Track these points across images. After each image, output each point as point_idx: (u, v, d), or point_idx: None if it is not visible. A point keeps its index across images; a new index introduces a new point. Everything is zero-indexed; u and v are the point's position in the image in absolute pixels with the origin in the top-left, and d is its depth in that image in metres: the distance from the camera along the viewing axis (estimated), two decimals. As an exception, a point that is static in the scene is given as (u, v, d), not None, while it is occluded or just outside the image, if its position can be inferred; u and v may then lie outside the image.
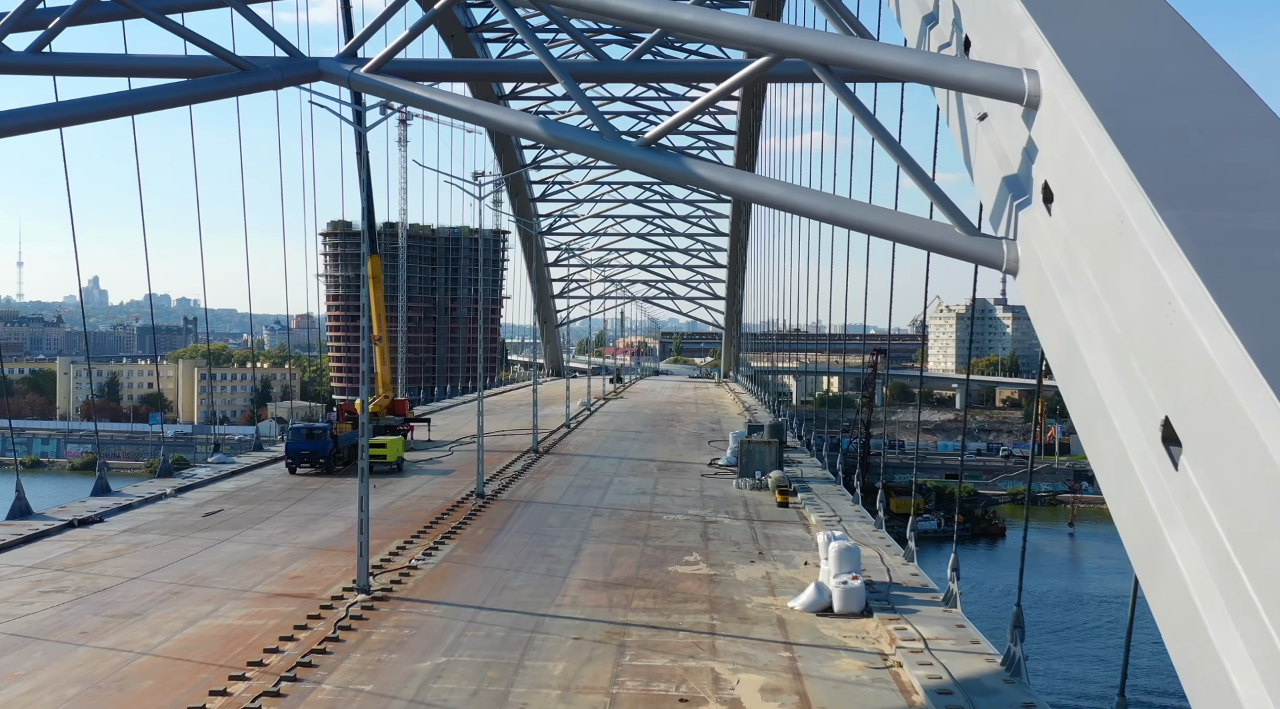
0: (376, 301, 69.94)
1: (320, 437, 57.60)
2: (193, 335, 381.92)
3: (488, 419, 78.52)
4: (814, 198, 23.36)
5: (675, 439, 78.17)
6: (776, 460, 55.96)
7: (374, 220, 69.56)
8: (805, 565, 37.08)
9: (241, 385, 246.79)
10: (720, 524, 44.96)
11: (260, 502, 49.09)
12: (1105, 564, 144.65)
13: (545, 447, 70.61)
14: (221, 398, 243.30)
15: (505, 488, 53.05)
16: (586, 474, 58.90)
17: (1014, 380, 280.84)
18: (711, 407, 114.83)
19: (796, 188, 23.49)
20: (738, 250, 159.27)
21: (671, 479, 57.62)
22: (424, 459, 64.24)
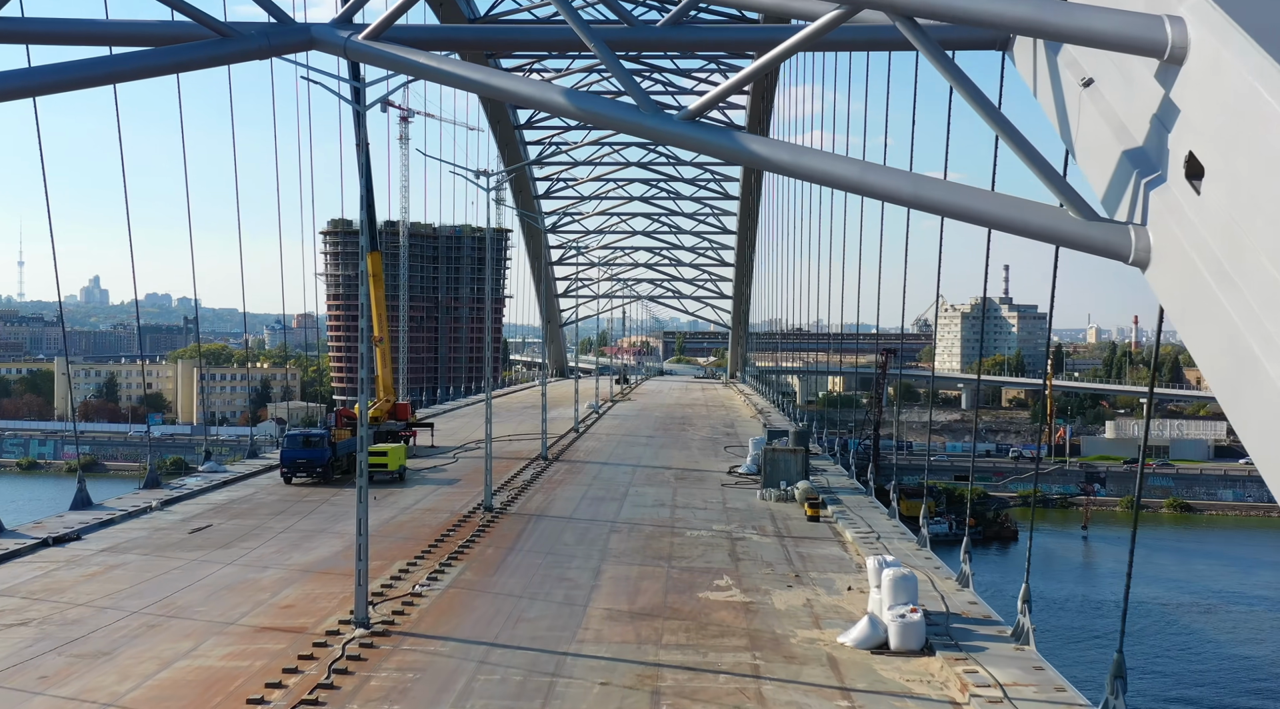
0: (377, 301, 66.43)
1: (317, 444, 54.07)
2: (193, 334, 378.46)
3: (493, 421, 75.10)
4: (893, 178, 19.65)
5: (689, 444, 74.65)
6: (803, 470, 52.43)
7: (374, 214, 66.00)
8: (849, 591, 33.54)
9: (241, 386, 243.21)
10: (749, 541, 41.41)
11: (252, 516, 45.55)
12: (1121, 568, 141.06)
13: (555, 453, 67.08)
14: (221, 398, 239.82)
15: (515, 500, 49.51)
16: (600, 484, 55.37)
17: (1023, 380, 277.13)
18: (722, 409, 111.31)
19: (874, 167, 19.79)
20: (745, 248, 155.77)
21: (690, 489, 54.09)
22: (427, 467, 60.72)
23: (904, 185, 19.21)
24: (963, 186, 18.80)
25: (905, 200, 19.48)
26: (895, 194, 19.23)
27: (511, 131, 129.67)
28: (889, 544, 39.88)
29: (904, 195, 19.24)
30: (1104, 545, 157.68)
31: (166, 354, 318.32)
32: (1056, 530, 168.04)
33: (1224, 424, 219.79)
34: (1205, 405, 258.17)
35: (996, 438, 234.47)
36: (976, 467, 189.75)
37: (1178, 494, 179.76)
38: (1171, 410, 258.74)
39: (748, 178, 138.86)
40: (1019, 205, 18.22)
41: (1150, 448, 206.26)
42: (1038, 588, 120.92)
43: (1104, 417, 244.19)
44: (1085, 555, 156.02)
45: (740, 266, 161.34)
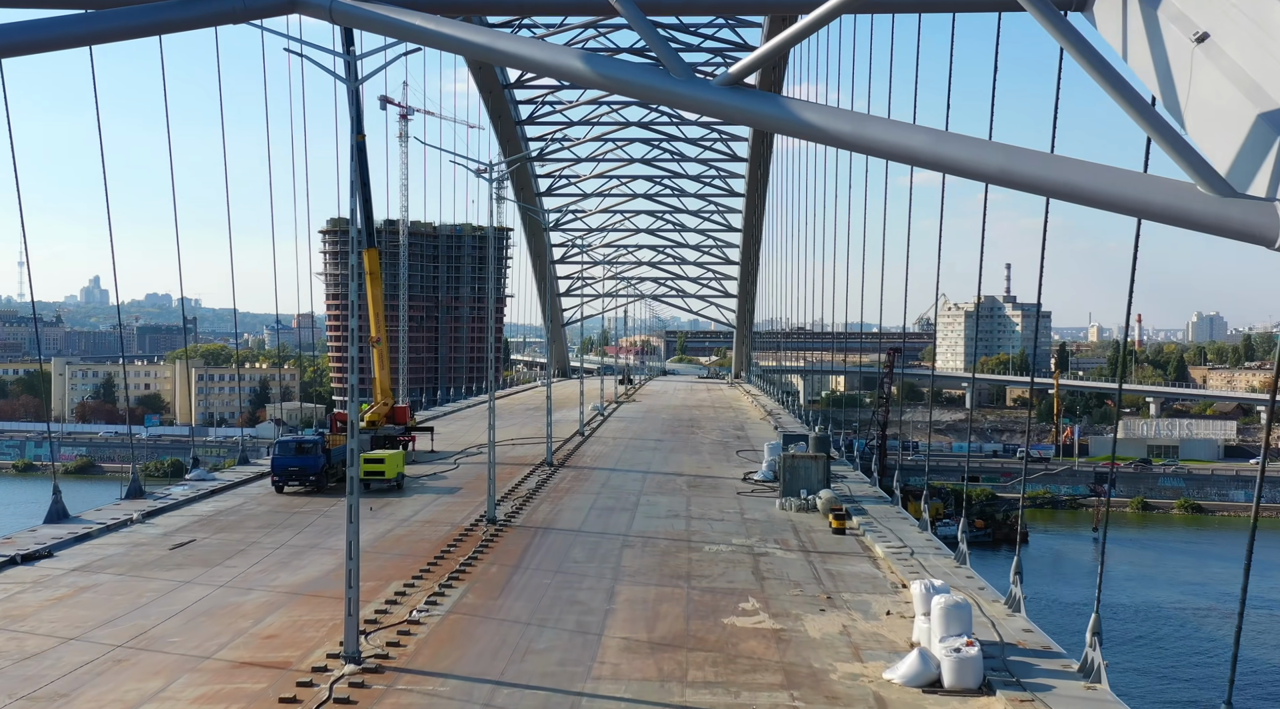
0: (374, 299, 63.37)
1: (310, 451, 50.96)
2: (193, 335, 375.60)
3: (500, 422, 71.88)
4: (977, 150, 16.59)
5: (700, 449, 71.54)
6: (824, 478, 49.34)
7: (370, 206, 62.88)
8: (888, 616, 30.48)
9: (240, 386, 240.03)
10: (772, 557, 38.32)
11: (239, 529, 42.45)
12: (1134, 571, 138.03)
13: (560, 458, 63.98)
14: (219, 399, 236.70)
15: (520, 510, 46.41)
16: (609, 492, 52.27)
17: (1027, 379, 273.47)
18: (730, 410, 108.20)
19: (952, 137, 16.71)
20: (751, 246, 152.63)
21: (705, 498, 50.99)
22: (427, 474, 57.62)
23: (989, 158, 16.12)
24: (1066, 160, 15.73)
25: (991, 175, 16.38)
26: (978, 167, 16.13)
27: (513, 127, 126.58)
28: (925, 561, 36.84)
29: (989, 169, 16.16)
30: (1115, 547, 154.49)
31: (165, 354, 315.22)
32: (1066, 532, 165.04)
33: (1233, 424, 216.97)
34: (1212, 404, 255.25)
35: (1002, 438, 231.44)
36: (984, 467, 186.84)
37: (1189, 495, 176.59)
38: (1178, 409, 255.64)
39: (754, 173, 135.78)
40: (1137, 181, 15.12)
41: (1159, 447, 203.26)
42: (1048, 590, 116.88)
43: (1110, 416, 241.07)
44: (1097, 557, 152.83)
45: (745, 264, 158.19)
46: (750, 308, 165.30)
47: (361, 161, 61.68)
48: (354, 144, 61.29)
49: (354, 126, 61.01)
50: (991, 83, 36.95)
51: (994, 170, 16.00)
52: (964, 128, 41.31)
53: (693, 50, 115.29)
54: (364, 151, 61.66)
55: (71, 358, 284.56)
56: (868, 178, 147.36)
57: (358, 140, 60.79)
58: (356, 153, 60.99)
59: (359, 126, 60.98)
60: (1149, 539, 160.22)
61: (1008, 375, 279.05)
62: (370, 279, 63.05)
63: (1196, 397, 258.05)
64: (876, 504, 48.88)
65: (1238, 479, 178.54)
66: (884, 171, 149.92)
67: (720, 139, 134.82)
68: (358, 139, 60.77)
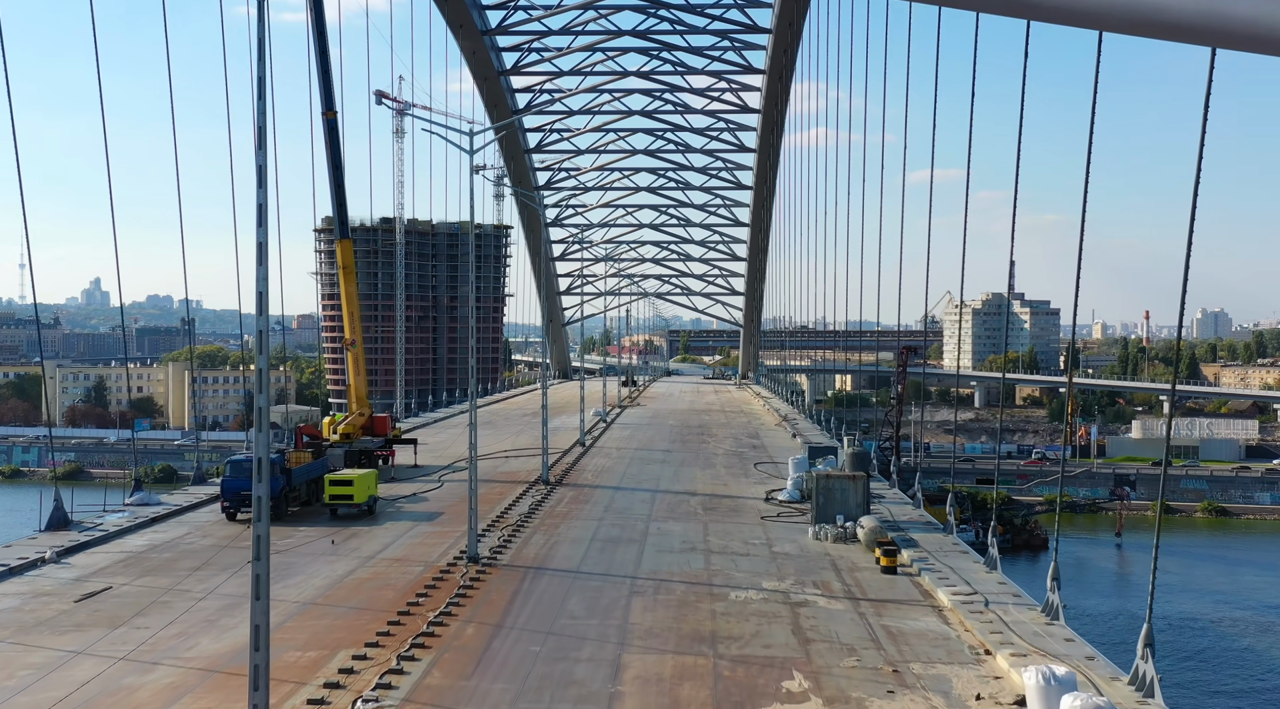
0: (348, 297, 55.97)
1: (272, 471, 43.45)
2: (187, 336, 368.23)
3: (487, 433, 64.32)
4: None
5: (713, 461, 64.08)
6: (864, 501, 41.91)
7: (344, 193, 55.43)
8: (978, 702, 23.08)
9: (234, 389, 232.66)
10: (814, 607, 30.91)
11: (169, 571, 35.05)
12: (1164, 580, 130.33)
13: (558, 473, 56.51)
14: (214, 402, 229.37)
15: (508, 543, 38.97)
16: (614, 518, 44.82)
17: (1042, 378, 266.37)
18: (742, 414, 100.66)
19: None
20: (759, 241, 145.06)
21: (724, 524, 43.56)
22: (405, 496, 50.18)
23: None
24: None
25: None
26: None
27: (509, 117, 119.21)
28: (1005, 614, 29.44)
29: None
30: (1140, 554, 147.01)
31: (161, 357, 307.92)
32: (1087, 537, 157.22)
33: (1254, 423, 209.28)
34: (1226, 403, 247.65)
35: (1015, 438, 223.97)
36: (999, 469, 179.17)
37: (1212, 497, 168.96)
38: (1192, 408, 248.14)
39: (763, 164, 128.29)
40: None
41: (1178, 448, 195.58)
42: (1073, 600, 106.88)
43: (1124, 415, 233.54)
44: (1121, 565, 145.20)
45: (753, 261, 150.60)
46: (758, 305, 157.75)
47: (334, 142, 54.42)
48: (326, 123, 54.10)
49: (324, 100, 53.81)
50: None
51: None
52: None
53: (698, 33, 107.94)
54: (337, 131, 54.38)
55: (64, 361, 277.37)
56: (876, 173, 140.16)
57: (328, 118, 53.56)
58: (328, 133, 53.84)
59: (329, 101, 53.76)
60: (1174, 545, 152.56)
61: (1020, 374, 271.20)
62: (344, 274, 55.68)
63: (1222, 395, 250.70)
64: (926, 531, 41.44)
65: (1263, 481, 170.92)
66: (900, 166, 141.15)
67: (728, 128, 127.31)
68: (327, 117, 53.54)
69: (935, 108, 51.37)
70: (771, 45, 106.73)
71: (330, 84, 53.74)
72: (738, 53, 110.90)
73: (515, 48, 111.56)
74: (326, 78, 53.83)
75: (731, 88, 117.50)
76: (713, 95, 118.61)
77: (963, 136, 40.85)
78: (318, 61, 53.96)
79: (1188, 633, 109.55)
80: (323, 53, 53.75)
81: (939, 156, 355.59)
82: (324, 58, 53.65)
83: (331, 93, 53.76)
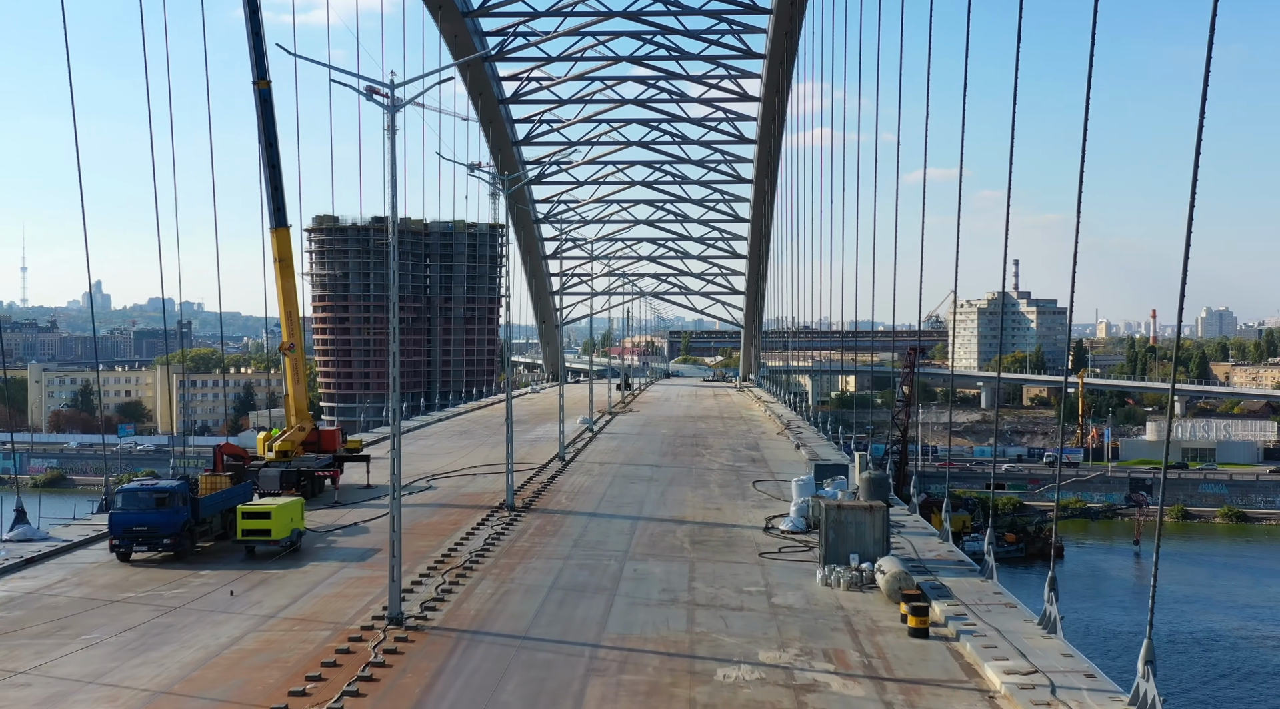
0: (284, 294, 48.35)
1: (168, 502, 35.92)
2: (188, 340, 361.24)
3: (460, 445, 56.87)
4: None
5: (707, 478, 56.40)
6: (882, 537, 34.30)
7: (279, 174, 47.79)
8: None
9: (225, 393, 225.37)
10: (826, 695, 23.25)
11: (9, 635, 27.48)
12: (1186, 592, 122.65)
13: (528, 496, 48.86)
14: (203, 406, 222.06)
15: (448, 594, 31.35)
16: (583, 555, 37.18)
17: (1050, 379, 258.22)
18: (741, 422, 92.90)
19: None
20: (760, 239, 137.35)
21: (715, 564, 35.92)
22: (344, 525, 42.48)
23: None
24: None
25: None
26: None
27: (495, 105, 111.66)
28: (1079, 703, 21.81)
29: None
30: (1160, 563, 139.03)
31: (155, 359, 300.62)
32: (1103, 545, 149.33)
33: (1272, 424, 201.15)
34: (1240, 403, 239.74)
35: (1023, 440, 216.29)
36: (1008, 474, 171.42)
37: (1232, 502, 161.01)
38: (1203, 408, 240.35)
39: (763, 156, 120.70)
40: None
41: (1195, 451, 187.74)
42: (1090, 613, 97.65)
43: (1135, 416, 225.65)
44: (1139, 574, 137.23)
45: (754, 259, 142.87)
46: (759, 305, 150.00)
47: (267, 115, 46.87)
48: (258, 93, 46.74)
49: (256, 68, 46.30)
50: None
51: None
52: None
53: (692, 13, 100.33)
54: (270, 103, 46.86)
55: (49, 364, 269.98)
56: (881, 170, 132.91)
57: (260, 88, 45.99)
58: (260, 105, 46.29)
59: (262, 69, 46.19)
60: (1194, 553, 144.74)
61: (1029, 374, 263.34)
62: (280, 268, 48.07)
63: (1233, 395, 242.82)
64: (959, 574, 33.80)
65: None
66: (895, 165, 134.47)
67: (726, 118, 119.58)
68: (259, 87, 45.97)
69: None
70: (772, 28, 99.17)
71: (263, 50, 46.27)
72: (736, 36, 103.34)
73: (499, 31, 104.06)
74: (258, 43, 46.36)
75: (730, 74, 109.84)
76: (710, 82, 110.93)
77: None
78: (248, 25, 46.51)
79: (1214, 650, 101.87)
80: (253, 13, 46.33)
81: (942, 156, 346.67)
82: (254, 19, 46.22)
83: (264, 60, 46.28)
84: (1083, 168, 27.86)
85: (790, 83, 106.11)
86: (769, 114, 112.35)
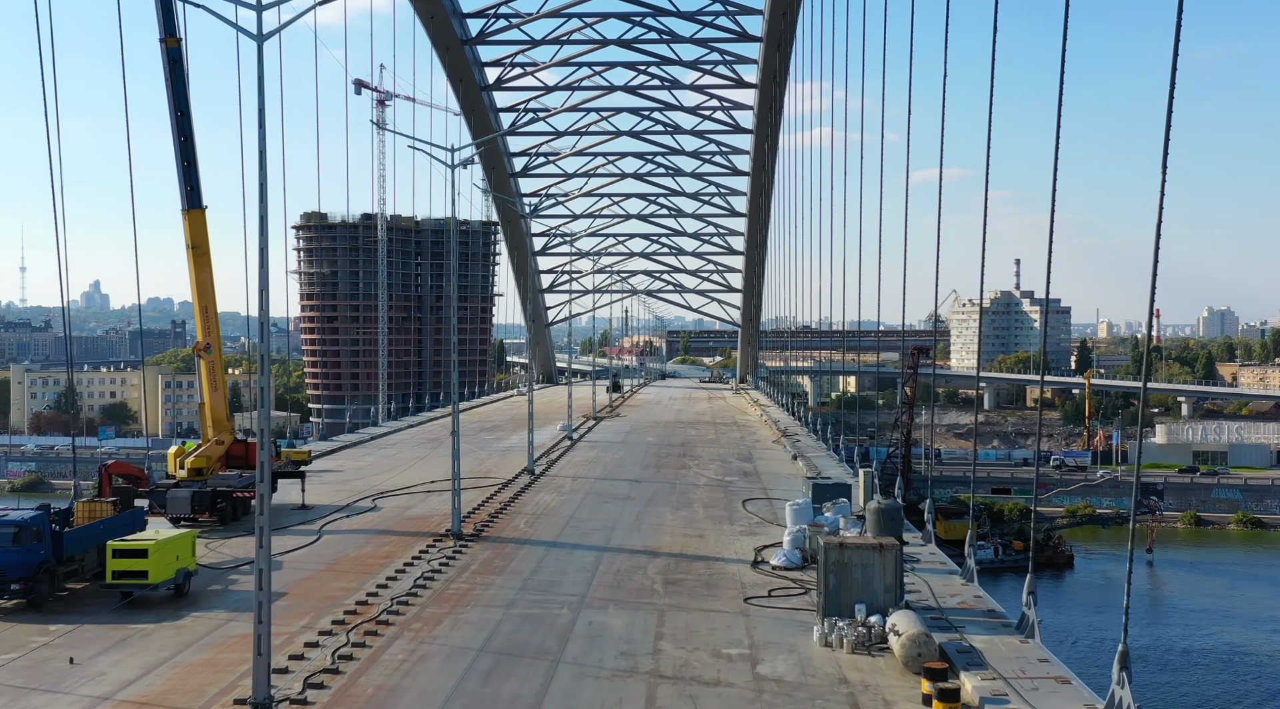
0: (199, 286, 41.45)
1: (19, 539, 29.03)
2: (181, 339, 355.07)
3: (425, 453, 50.00)
4: None
5: (691, 496, 49.44)
6: (895, 584, 27.43)
7: (193, 147, 40.87)
8: None
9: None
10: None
11: None
12: (1203, 604, 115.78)
13: (482, 519, 41.95)
14: (189, 407, 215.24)
15: (342, 667, 24.45)
16: (529, 603, 30.19)
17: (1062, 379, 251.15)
18: (735, 428, 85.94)
19: None
20: (757, 234, 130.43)
21: (690, 614, 28.98)
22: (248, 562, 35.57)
23: None
24: None
25: None
26: None
27: (478, 93, 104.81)
28: None
29: None
30: (1174, 572, 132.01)
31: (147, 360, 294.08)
32: (1114, 553, 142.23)
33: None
34: (1247, 404, 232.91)
35: (1027, 442, 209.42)
36: (1015, 478, 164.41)
37: (1246, 508, 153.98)
38: (1210, 409, 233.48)
39: (760, 147, 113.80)
40: None
41: (1205, 454, 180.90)
42: (1101, 626, 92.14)
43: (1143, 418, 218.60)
44: (1154, 584, 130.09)
45: (751, 255, 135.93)
46: (757, 304, 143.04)
47: (177, 78, 40.01)
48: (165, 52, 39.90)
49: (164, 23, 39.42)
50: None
51: None
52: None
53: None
54: (181, 63, 40.04)
55: (31, 365, 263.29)
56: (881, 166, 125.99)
57: (168, 46, 39.09)
58: (169, 66, 39.40)
59: (170, 25, 39.29)
60: (1210, 561, 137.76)
61: (1029, 374, 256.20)
62: (193, 256, 41.16)
63: (1241, 396, 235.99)
64: (992, 631, 26.86)
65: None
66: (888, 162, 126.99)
67: (721, 107, 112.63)
68: (167, 44, 39.07)
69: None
70: (769, 8, 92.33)
71: (170, 2, 39.39)
72: (730, 18, 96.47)
73: (480, 13, 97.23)
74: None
75: (725, 59, 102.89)
76: (705, 67, 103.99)
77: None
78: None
79: (1238, 668, 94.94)
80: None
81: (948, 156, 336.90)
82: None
83: (173, 14, 39.43)
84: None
85: (789, 68, 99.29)
86: (766, 102, 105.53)
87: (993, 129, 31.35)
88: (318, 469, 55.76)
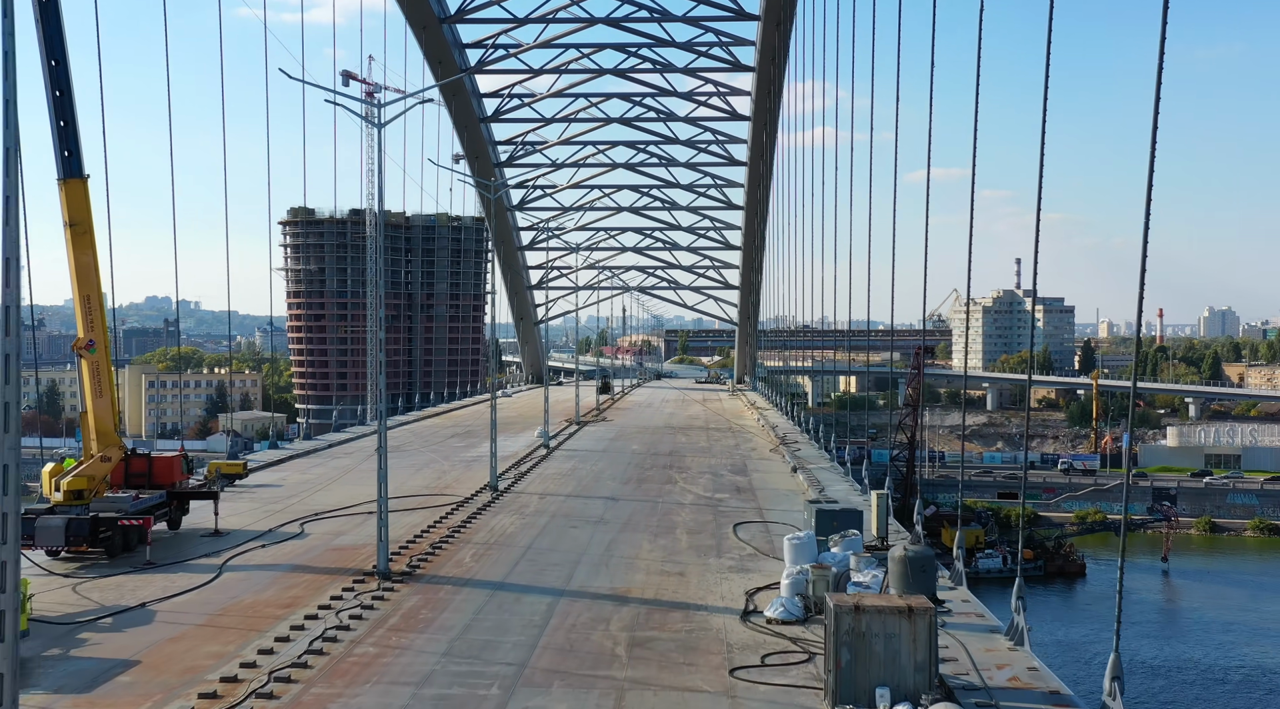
0: (79, 270, 34.22)
1: None
2: (174, 338, 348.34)
3: (393, 463, 42.79)
4: None
5: (674, 518, 42.21)
6: (928, 661, 20.28)
7: (72, 106, 33.72)
8: None
9: (197, 393, 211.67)
10: None
11: None
12: (1224, 617, 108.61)
13: (419, 553, 34.71)
14: (174, 407, 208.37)
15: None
16: (449, 675, 22.77)
17: (1068, 380, 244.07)
18: (729, 434, 78.75)
19: None
20: (755, 228, 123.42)
21: (656, 697, 21.64)
22: (125, 606, 28.29)
23: None
24: None
25: None
26: None
27: (455, 68, 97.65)
28: None
29: None
30: (1191, 582, 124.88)
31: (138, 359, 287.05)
32: (1129, 561, 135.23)
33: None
34: (1256, 405, 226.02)
35: (1033, 444, 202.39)
36: (1019, 483, 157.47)
37: (1263, 514, 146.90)
38: (1218, 410, 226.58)
39: (758, 136, 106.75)
40: None
41: (1219, 457, 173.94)
42: (1124, 644, 78.78)
43: (1150, 419, 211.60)
44: (1169, 594, 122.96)
45: (749, 250, 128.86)
46: (755, 301, 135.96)
47: (52, 23, 32.90)
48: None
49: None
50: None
51: None
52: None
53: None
54: (57, 8, 32.97)
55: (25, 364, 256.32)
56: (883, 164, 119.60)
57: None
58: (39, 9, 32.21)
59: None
60: (1227, 570, 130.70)
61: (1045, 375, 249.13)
62: (72, 234, 33.95)
63: (1249, 397, 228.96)
64: (1061, 730, 19.75)
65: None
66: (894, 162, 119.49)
67: (717, 93, 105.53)
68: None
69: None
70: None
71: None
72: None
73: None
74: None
75: (721, 40, 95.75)
76: (700, 49, 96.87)
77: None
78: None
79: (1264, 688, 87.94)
80: None
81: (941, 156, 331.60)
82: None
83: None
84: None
85: (789, 48, 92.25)
86: (764, 86, 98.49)
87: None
88: (253, 484, 48.71)
